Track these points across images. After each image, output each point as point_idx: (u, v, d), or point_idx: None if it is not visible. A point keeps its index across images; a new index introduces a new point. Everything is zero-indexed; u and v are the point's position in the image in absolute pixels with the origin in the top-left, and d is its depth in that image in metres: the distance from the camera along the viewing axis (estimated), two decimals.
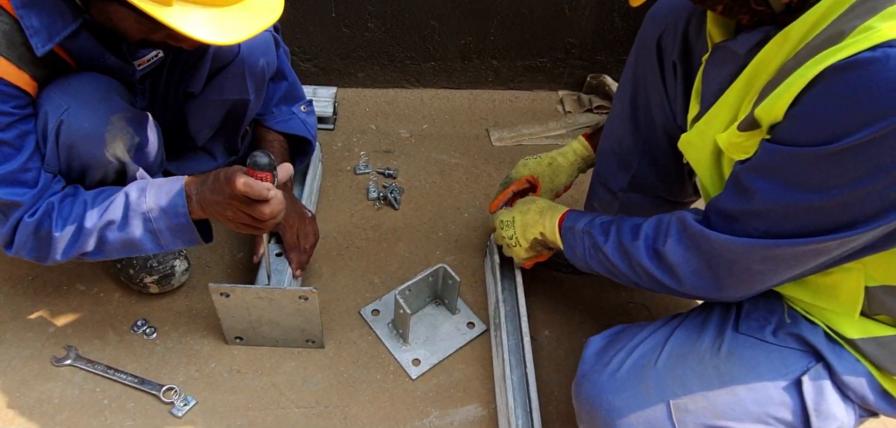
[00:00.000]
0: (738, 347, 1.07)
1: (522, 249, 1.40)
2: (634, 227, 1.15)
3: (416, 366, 1.44)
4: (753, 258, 0.96)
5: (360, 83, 2.16)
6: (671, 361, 1.09)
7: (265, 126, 1.60)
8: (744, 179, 0.95)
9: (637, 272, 1.13)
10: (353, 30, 2.05)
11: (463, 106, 2.11)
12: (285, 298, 1.37)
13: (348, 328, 1.51)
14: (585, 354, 1.19)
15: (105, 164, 1.23)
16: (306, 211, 1.54)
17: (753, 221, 0.95)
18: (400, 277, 1.61)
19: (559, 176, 1.52)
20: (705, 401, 1.03)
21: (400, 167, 1.89)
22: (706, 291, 1.05)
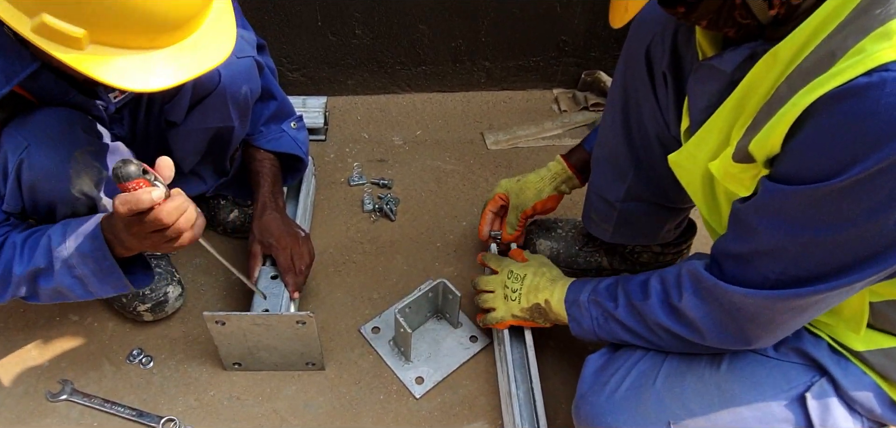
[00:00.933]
0: (739, 363, 1.05)
1: (519, 307, 1.33)
2: (640, 284, 1.12)
3: (419, 384, 1.42)
4: (777, 310, 0.93)
5: (349, 91, 2.13)
6: (670, 379, 1.07)
7: (254, 146, 1.57)
8: (747, 219, 0.91)
9: (656, 333, 1.09)
10: (341, 37, 2.02)
11: (456, 109, 2.08)
12: (282, 324, 1.34)
13: (348, 348, 1.49)
14: (584, 372, 1.18)
15: (72, 200, 1.18)
16: (299, 231, 1.51)
17: (766, 262, 0.90)
18: (399, 291, 1.59)
19: (525, 192, 1.49)
20: (706, 421, 1.02)
21: (394, 176, 1.86)
22: (734, 344, 1.02)
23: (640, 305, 1.10)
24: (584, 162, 1.46)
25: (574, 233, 1.60)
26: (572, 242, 1.59)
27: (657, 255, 1.53)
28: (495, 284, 1.41)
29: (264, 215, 1.49)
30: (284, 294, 1.45)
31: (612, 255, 1.56)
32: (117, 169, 0.98)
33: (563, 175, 1.48)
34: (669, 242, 1.50)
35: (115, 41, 0.94)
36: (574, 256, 1.58)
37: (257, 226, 1.49)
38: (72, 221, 1.16)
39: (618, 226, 1.41)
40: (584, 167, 1.47)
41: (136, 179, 0.99)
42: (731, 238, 0.96)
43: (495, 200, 1.55)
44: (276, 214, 1.50)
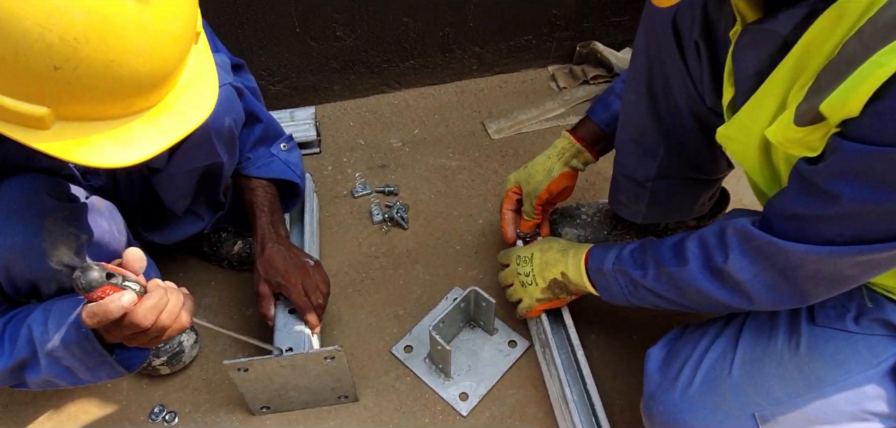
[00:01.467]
0: (819, 341, 0.99)
1: (538, 288, 1.30)
2: (676, 250, 1.06)
3: (464, 401, 1.35)
4: (844, 266, 0.87)
5: (337, 97, 2.03)
6: (746, 367, 1.01)
7: (244, 175, 1.45)
8: (821, 182, 0.84)
9: (692, 299, 1.04)
10: (322, 42, 1.92)
11: (451, 101, 2.00)
12: (310, 362, 1.26)
13: (382, 372, 1.41)
14: (648, 369, 1.11)
15: (53, 274, 1.06)
16: (308, 260, 1.39)
17: (836, 225, 0.85)
18: (424, 303, 1.51)
19: (534, 176, 1.42)
20: (794, 409, 0.96)
21: (399, 181, 1.77)
22: (786, 302, 0.96)
23: (675, 271, 1.04)
24: (593, 134, 1.39)
25: (600, 216, 1.54)
26: (599, 226, 1.53)
27: (692, 230, 1.46)
28: (511, 276, 1.37)
29: (266, 250, 1.37)
30: (306, 328, 1.35)
31: (644, 234, 1.50)
32: (78, 280, 0.86)
33: (571, 149, 1.40)
34: (704, 215, 1.44)
35: (85, 114, 0.81)
36: (603, 240, 1.52)
37: (261, 263, 1.37)
38: (54, 304, 1.04)
39: (651, 205, 1.35)
40: (594, 139, 1.40)
41: (101, 287, 0.88)
42: (797, 200, 0.89)
43: (510, 197, 1.48)
44: (278, 247, 1.38)
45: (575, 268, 1.24)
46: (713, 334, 1.07)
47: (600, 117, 1.38)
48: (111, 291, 0.89)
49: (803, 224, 0.88)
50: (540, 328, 1.36)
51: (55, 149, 0.80)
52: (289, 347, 1.31)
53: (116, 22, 0.75)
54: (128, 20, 0.76)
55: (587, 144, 1.39)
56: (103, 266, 0.89)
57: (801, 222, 0.88)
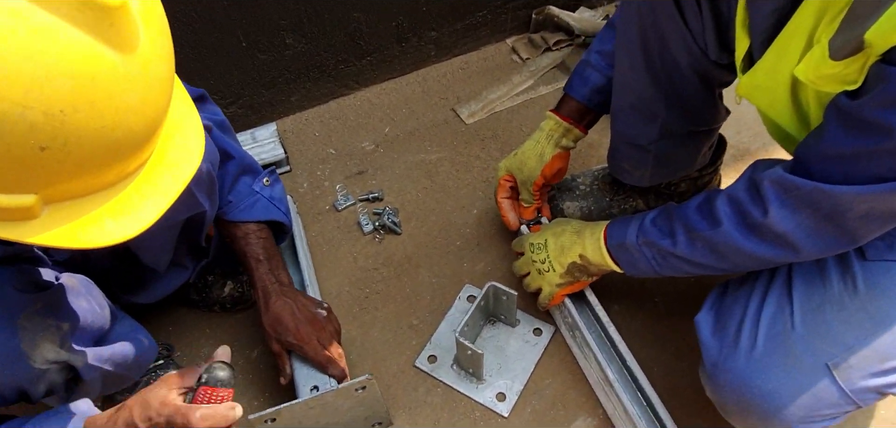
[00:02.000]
0: (875, 276, 0.98)
1: (556, 274, 1.27)
2: (704, 212, 1.03)
3: (502, 401, 1.31)
4: None
5: (296, 108, 1.93)
6: (808, 317, 0.99)
7: (228, 221, 1.33)
8: (869, 116, 0.80)
9: (731, 259, 1.02)
10: (271, 52, 1.81)
11: (416, 92, 1.93)
12: (340, 397, 1.19)
13: (411, 388, 1.35)
14: (703, 337, 1.09)
15: (40, 375, 0.96)
16: (319, 311, 1.29)
17: (888, 160, 0.81)
18: (437, 308, 1.46)
19: (526, 163, 1.39)
20: (865, 349, 0.94)
21: (381, 185, 1.70)
22: (834, 248, 0.94)
23: (708, 234, 1.01)
24: (577, 110, 1.37)
25: (599, 184, 1.52)
26: (600, 194, 1.51)
27: (695, 180, 1.47)
28: (526, 265, 1.34)
29: (271, 306, 1.26)
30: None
31: (648, 194, 1.49)
32: (216, 371, 0.89)
33: (559, 130, 1.38)
34: (706, 164, 1.44)
35: (77, 191, 0.72)
36: (607, 208, 1.50)
37: (267, 322, 1.26)
38: (45, 420, 0.94)
39: (655, 167, 1.34)
40: (580, 115, 1.37)
41: (229, 389, 0.91)
42: (840, 139, 0.85)
43: (503, 186, 1.45)
44: (285, 301, 1.27)
45: (594, 248, 1.21)
46: (762, 288, 1.05)
47: (580, 92, 1.35)
48: (228, 395, 0.91)
49: (850, 164, 0.85)
50: (565, 312, 1.33)
51: (50, 239, 0.71)
52: (314, 386, 1.24)
53: (104, 82, 0.66)
54: (116, 77, 0.67)
55: (574, 122, 1.37)
56: (229, 368, 0.91)
57: (847, 162, 0.85)
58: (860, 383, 0.95)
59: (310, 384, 1.24)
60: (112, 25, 0.65)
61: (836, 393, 0.95)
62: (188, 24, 1.64)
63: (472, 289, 1.48)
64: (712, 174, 1.49)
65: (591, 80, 1.34)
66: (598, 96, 1.34)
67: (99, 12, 0.64)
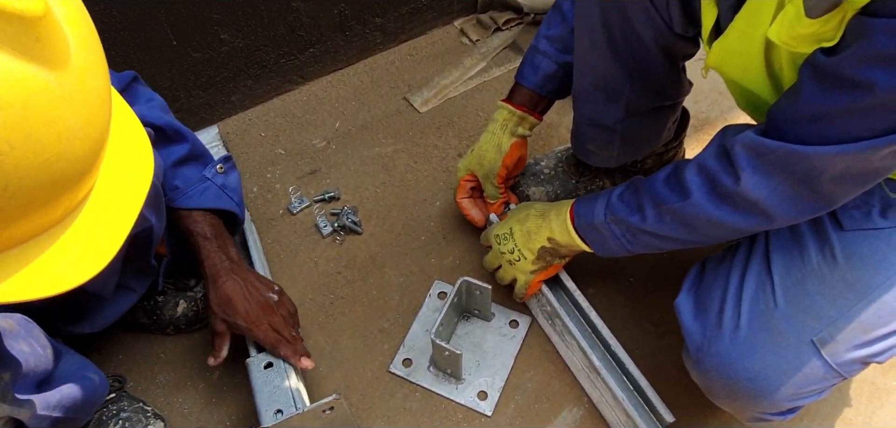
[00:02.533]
0: (853, 246, 0.97)
1: (528, 262, 1.23)
2: (673, 184, 1.00)
3: (484, 399, 1.27)
4: (875, 159, 0.82)
5: (238, 108, 1.82)
6: (790, 293, 0.98)
7: (176, 207, 1.24)
8: (849, 73, 0.77)
9: (703, 231, 1.00)
10: (205, 50, 1.70)
11: (365, 83, 1.85)
12: (306, 420, 1.12)
13: (387, 395, 1.29)
14: (684, 322, 1.07)
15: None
16: (270, 294, 1.23)
17: (866, 118, 0.79)
18: (407, 308, 1.40)
19: (485, 157, 1.35)
20: (850, 322, 0.94)
21: (337, 184, 1.63)
22: (808, 212, 0.92)
23: (678, 206, 0.99)
24: (529, 98, 1.33)
25: (563, 166, 1.49)
26: (565, 176, 1.48)
27: (661, 155, 1.46)
28: (496, 259, 1.30)
29: (220, 285, 1.20)
30: (291, 379, 1.19)
31: (614, 173, 1.47)
32: None
33: (513, 119, 1.34)
34: (671, 139, 1.42)
35: (22, 236, 0.62)
36: (573, 190, 1.47)
37: (216, 300, 1.20)
38: None
39: (622, 147, 1.31)
40: (533, 103, 1.34)
41: None
42: (817, 98, 0.81)
43: (463, 187, 1.41)
44: (235, 281, 1.20)
45: (562, 229, 1.18)
46: (740, 266, 1.04)
47: (531, 81, 1.32)
48: None
49: (825, 124, 0.82)
50: (542, 300, 1.30)
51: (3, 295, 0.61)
52: (278, 410, 1.16)
53: (39, 107, 0.56)
54: (52, 99, 0.57)
55: (528, 110, 1.33)
56: None
57: (823, 122, 0.82)
58: (846, 356, 0.94)
59: (272, 409, 1.16)
60: (38, 40, 0.55)
61: (823, 368, 0.95)
62: (111, 25, 1.51)
63: (443, 285, 1.43)
64: (677, 148, 1.48)
65: (541, 68, 1.30)
66: (550, 83, 1.31)
67: (20, 26, 0.53)
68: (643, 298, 1.38)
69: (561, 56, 1.27)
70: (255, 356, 1.21)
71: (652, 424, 1.14)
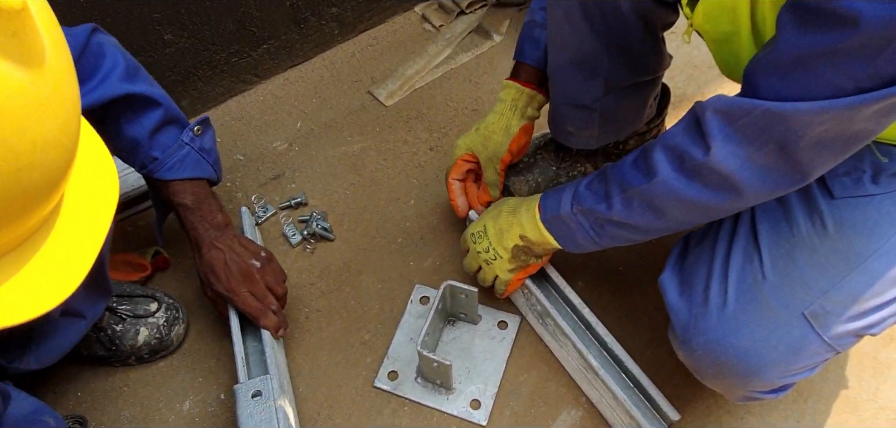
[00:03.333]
0: (844, 214, 0.93)
1: (504, 262, 1.18)
2: (639, 165, 0.95)
3: (477, 409, 1.22)
4: (859, 118, 0.75)
5: (189, 113, 1.71)
6: (779, 265, 0.94)
7: (155, 180, 1.22)
8: (833, 4, 0.69)
9: (671, 214, 0.95)
10: (148, 53, 1.59)
11: (325, 78, 1.76)
12: None
13: (375, 412, 1.23)
14: (669, 300, 1.03)
15: None
16: (253, 262, 1.21)
17: (849, 64, 0.71)
18: (388, 317, 1.34)
19: (491, 138, 1.29)
20: (839, 293, 0.91)
21: (303, 188, 1.54)
22: (783, 187, 0.86)
23: (644, 189, 0.94)
24: (535, 75, 1.28)
25: (542, 153, 1.43)
26: (545, 164, 1.42)
27: (643, 135, 1.41)
28: (474, 260, 1.24)
29: (203, 254, 1.20)
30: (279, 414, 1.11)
31: (596, 156, 1.42)
32: None
33: (523, 98, 1.28)
34: (653, 117, 1.38)
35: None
36: (554, 177, 1.42)
37: (200, 269, 1.21)
38: None
39: (602, 126, 1.26)
40: (539, 80, 1.28)
41: None
42: (797, 38, 0.74)
43: (459, 166, 1.33)
44: (218, 250, 1.20)
45: (531, 225, 1.12)
46: (726, 239, 0.99)
47: (534, 57, 1.26)
48: None
49: (805, 73, 0.75)
50: (532, 299, 1.24)
51: None
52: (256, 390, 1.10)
53: (15, 110, 0.51)
54: (27, 102, 0.52)
55: (536, 86, 1.27)
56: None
57: (802, 71, 0.75)
58: (838, 329, 0.91)
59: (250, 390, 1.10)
60: (14, 35, 0.50)
61: (815, 342, 0.92)
62: None
63: (424, 289, 1.36)
64: (659, 126, 1.44)
65: (542, 41, 1.24)
66: None
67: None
68: (636, 289, 1.34)
69: None
70: (243, 382, 1.13)
71: (656, 423, 1.10)
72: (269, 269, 1.22)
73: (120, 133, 1.18)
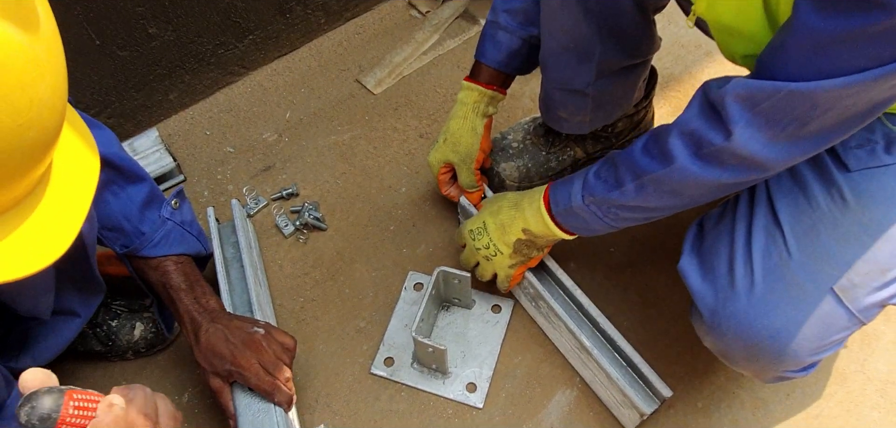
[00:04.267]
0: (862, 186, 0.95)
1: (505, 257, 1.20)
2: (652, 151, 0.97)
3: (473, 392, 1.25)
4: (884, 89, 0.77)
5: (177, 106, 1.73)
6: (803, 242, 0.95)
7: (144, 256, 1.18)
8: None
9: (689, 194, 0.96)
10: (133, 47, 1.60)
11: (312, 67, 1.78)
12: None
13: (372, 398, 1.26)
14: (692, 286, 1.03)
15: None
16: (256, 330, 1.14)
17: (878, 43, 0.71)
18: (382, 304, 1.36)
19: (460, 143, 1.31)
20: (865, 264, 0.92)
21: (294, 178, 1.56)
22: (801, 156, 0.88)
23: (661, 175, 0.95)
24: (495, 76, 1.29)
25: (531, 137, 1.46)
26: (534, 148, 1.45)
27: (632, 116, 1.44)
28: (472, 256, 1.26)
29: (201, 339, 1.12)
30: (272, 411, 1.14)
31: (584, 140, 1.45)
32: (30, 415, 0.70)
33: (484, 99, 1.29)
34: (641, 98, 1.41)
35: None
36: (544, 162, 1.45)
37: (201, 355, 1.13)
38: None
39: (595, 110, 1.29)
40: (500, 81, 1.30)
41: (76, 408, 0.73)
42: (821, 20, 0.74)
43: (443, 181, 1.38)
44: (216, 328, 1.12)
45: (536, 218, 1.14)
46: (744, 218, 1.01)
47: (495, 59, 1.27)
48: (86, 406, 0.75)
49: (832, 53, 0.75)
50: (525, 283, 1.27)
51: None
52: None
53: (16, 69, 0.56)
54: (26, 62, 0.57)
55: (497, 87, 1.29)
56: (53, 389, 0.73)
57: (830, 51, 0.75)
58: (866, 300, 0.93)
59: None
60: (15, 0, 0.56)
61: (844, 315, 0.93)
62: None
63: (418, 276, 1.39)
64: (647, 107, 1.46)
65: (504, 44, 1.26)
66: (515, 60, 1.27)
67: None
68: (627, 269, 1.38)
69: (524, 29, 1.23)
70: (241, 395, 1.14)
71: (649, 399, 1.13)
72: (272, 335, 1.15)
73: (106, 208, 1.15)
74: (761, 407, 1.22)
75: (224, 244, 1.34)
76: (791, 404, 1.22)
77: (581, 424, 1.21)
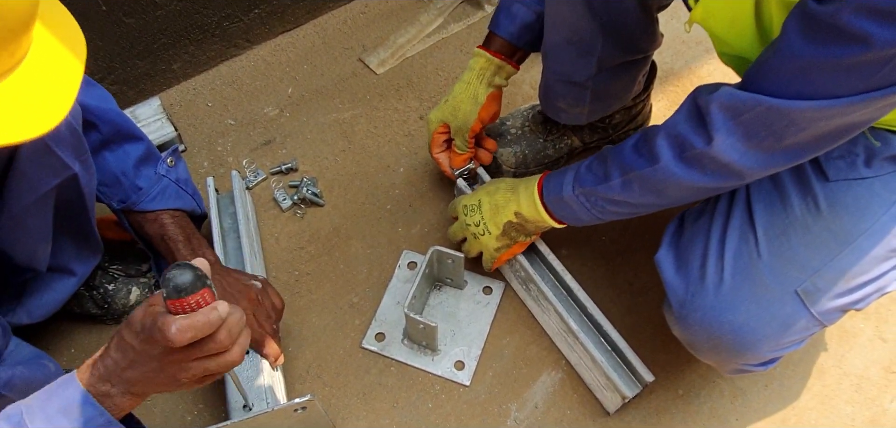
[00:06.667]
0: (837, 196, 1.01)
1: (492, 237, 1.26)
2: (640, 150, 1.03)
3: (461, 370, 1.31)
4: (860, 113, 0.83)
5: (180, 76, 1.79)
6: (773, 244, 1.02)
7: (141, 210, 1.25)
8: (844, 22, 0.74)
9: (671, 194, 1.03)
10: (139, 15, 1.66)
11: (316, 44, 1.84)
12: (277, 419, 1.13)
13: (362, 372, 1.32)
14: (666, 277, 1.11)
15: None
16: (253, 283, 1.23)
17: (856, 73, 0.78)
18: (377, 280, 1.43)
19: (460, 108, 1.36)
20: (831, 271, 0.99)
21: (294, 153, 1.63)
22: (780, 166, 0.94)
23: (646, 173, 1.01)
24: (506, 47, 1.35)
25: (530, 124, 1.52)
26: (532, 135, 1.51)
27: (629, 109, 1.50)
28: (461, 231, 1.32)
29: None
30: (263, 366, 1.21)
31: (582, 130, 1.51)
32: (175, 279, 0.76)
33: (491, 67, 1.35)
34: (640, 92, 1.47)
35: None
36: (541, 149, 1.51)
37: None
38: (32, 406, 0.85)
39: (593, 103, 1.35)
40: (510, 52, 1.35)
41: (202, 289, 0.78)
42: (806, 47, 0.80)
43: (437, 140, 1.43)
44: (213, 279, 1.20)
45: (529, 203, 1.20)
46: (722, 218, 1.08)
47: (508, 30, 1.33)
48: (204, 298, 0.79)
49: (808, 78, 0.81)
50: (516, 266, 1.34)
51: None
52: (245, 405, 1.16)
53: None
54: None
55: (506, 58, 1.35)
56: (195, 268, 0.78)
57: (806, 77, 0.81)
58: (828, 305, 1.00)
59: (240, 400, 1.17)
60: None
61: (806, 318, 1.00)
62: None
63: (412, 255, 1.46)
64: (645, 101, 1.52)
65: (518, 17, 1.31)
66: (527, 33, 1.32)
67: None
68: (617, 258, 1.44)
69: (540, 4, 1.28)
70: None
71: (632, 384, 1.20)
72: (267, 293, 1.23)
73: (104, 164, 1.22)
74: (740, 396, 1.28)
75: (222, 214, 1.41)
76: (769, 395, 1.28)
77: (565, 404, 1.27)
